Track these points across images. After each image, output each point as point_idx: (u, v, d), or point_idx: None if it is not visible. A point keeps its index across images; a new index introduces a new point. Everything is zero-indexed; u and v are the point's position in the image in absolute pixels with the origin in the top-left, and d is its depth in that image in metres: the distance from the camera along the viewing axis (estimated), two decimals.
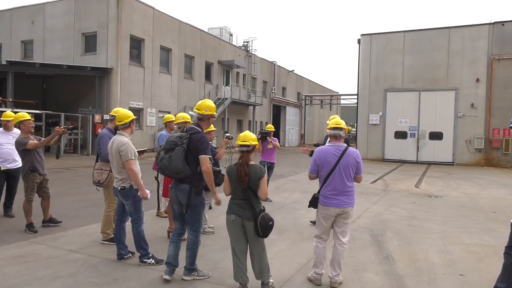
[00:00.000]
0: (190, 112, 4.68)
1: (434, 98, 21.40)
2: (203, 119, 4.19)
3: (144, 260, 4.60)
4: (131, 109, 22.03)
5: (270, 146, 9.01)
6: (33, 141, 5.91)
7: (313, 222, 5.18)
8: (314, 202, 4.23)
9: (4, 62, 17.23)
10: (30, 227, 5.87)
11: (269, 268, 3.92)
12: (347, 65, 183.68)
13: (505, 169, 18.55)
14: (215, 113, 4.26)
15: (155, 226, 6.34)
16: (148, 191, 4.65)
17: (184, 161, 3.91)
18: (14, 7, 24.12)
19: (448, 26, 21.51)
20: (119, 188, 4.59)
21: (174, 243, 4.24)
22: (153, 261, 4.59)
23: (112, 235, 5.37)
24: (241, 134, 3.97)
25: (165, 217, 6.55)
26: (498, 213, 8.24)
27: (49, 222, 6.24)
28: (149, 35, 22.89)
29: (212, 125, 6.82)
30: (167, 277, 4.13)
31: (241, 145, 3.84)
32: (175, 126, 6.49)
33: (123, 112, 4.77)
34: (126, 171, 4.53)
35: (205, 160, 3.95)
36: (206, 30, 30.24)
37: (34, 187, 5.94)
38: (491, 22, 20.25)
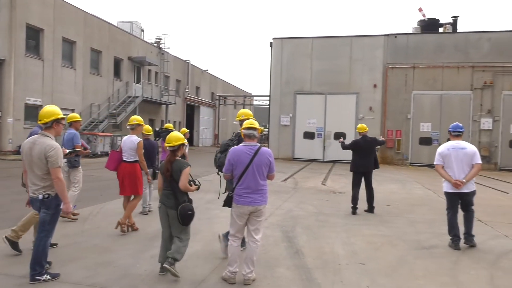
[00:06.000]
0: (234, 122, 4.97)
1: (338, 101, 22.99)
2: (241, 125, 4.74)
3: (38, 278, 3.97)
4: (27, 105, 20.00)
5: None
6: None
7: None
8: (228, 201, 4.28)
9: None
10: None
11: (183, 256, 4.27)
12: (261, 67, 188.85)
13: (397, 166, 20.72)
14: (239, 118, 5.12)
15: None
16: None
17: None
18: None
19: (350, 35, 23.29)
20: (41, 196, 4.01)
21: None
22: (48, 276, 4.04)
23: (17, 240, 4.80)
24: (169, 135, 4.44)
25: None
26: (392, 206, 9.19)
27: None
28: (50, 25, 20.95)
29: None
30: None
31: (168, 146, 4.35)
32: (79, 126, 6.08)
33: (47, 109, 4.15)
34: (50, 178, 4.00)
35: None
36: (115, 24, 28.66)
37: None
38: (386, 34, 22.48)
